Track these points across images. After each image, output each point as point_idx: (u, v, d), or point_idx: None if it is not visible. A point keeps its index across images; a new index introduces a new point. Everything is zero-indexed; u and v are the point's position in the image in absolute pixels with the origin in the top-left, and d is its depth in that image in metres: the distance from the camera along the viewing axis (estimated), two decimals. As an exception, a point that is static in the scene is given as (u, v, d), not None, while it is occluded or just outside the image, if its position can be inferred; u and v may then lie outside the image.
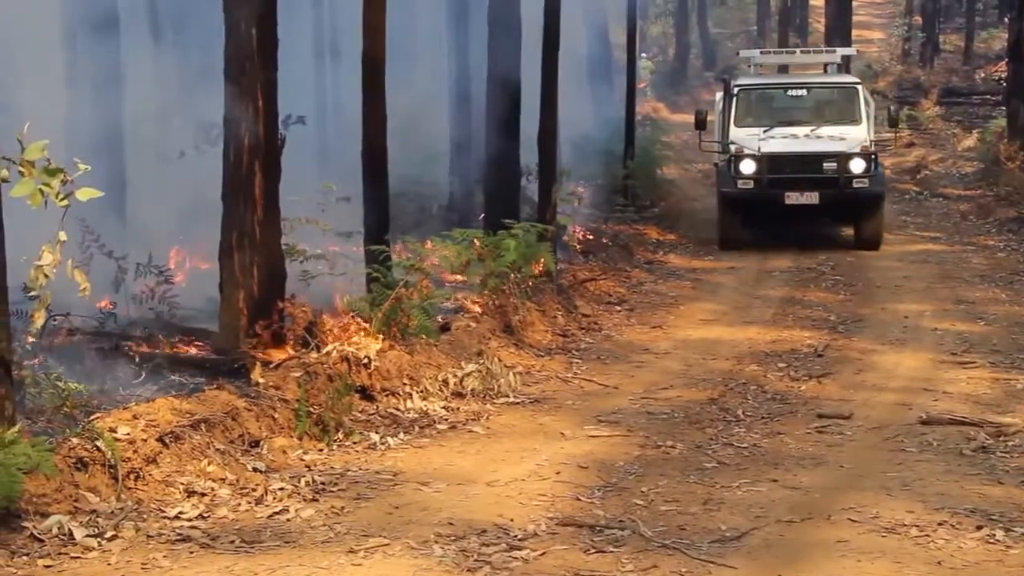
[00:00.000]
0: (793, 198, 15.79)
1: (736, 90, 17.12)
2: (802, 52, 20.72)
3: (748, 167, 15.94)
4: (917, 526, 5.87)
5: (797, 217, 16.33)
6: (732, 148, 16.20)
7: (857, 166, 15.82)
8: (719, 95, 18.00)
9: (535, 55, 13.50)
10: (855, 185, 15.78)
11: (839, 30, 26.98)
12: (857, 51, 23.30)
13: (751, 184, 15.91)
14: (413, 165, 15.74)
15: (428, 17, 18.84)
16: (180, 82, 13.49)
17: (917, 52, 36.12)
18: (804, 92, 17.41)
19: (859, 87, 17.24)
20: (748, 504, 6.28)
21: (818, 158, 15.94)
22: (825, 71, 18.90)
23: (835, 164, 15.80)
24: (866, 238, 16.21)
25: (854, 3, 31.38)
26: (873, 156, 16.04)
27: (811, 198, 15.79)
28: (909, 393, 8.95)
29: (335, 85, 18.47)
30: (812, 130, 16.48)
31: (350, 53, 11.28)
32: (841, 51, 19.87)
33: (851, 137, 16.16)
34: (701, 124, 16.98)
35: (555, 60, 13.37)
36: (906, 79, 32.76)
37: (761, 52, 20.52)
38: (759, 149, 15.91)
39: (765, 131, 16.43)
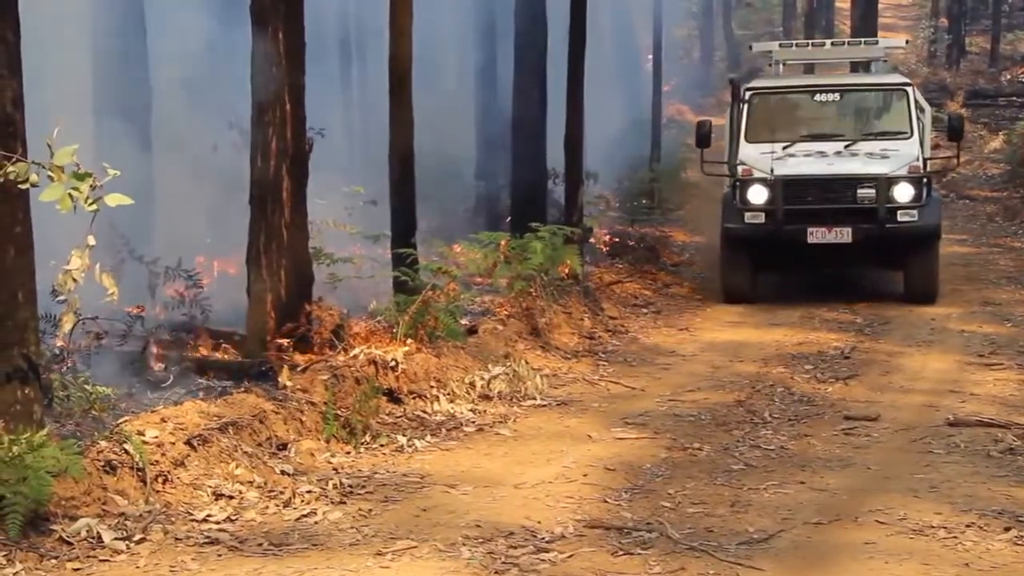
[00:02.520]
0: (817, 236, 12.28)
1: (748, 95, 13.45)
2: (833, 44, 15.56)
3: (758, 195, 12.50)
4: (945, 528, 5.84)
5: (824, 260, 12.81)
6: (739, 170, 12.78)
7: (903, 193, 12.29)
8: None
9: (561, 57, 13.50)
10: (900, 219, 12.26)
11: (865, 32, 26.86)
12: (907, 40, 19.23)
13: (761, 218, 12.49)
14: (440, 168, 15.75)
15: (455, 20, 18.87)
16: (212, 86, 13.56)
17: (943, 54, 35.90)
18: (837, 96, 13.59)
19: (909, 89, 13.38)
20: (776, 506, 6.26)
21: (851, 183, 12.40)
22: (866, 70, 14.89)
23: (873, 191, 12.26)
24: (917, 289, 12.60)
25: (880, 5, 31.22)
26: (925, 180, 12.50)
27: (841, 235, 12.26)
28: (936, 395, 8.90)
29: (362, 88, 18.53)
30: (847, 146, 12.96)
31: (376, 56, 11.31)
32: (886, 43, 15.65)
33: (898, 155, 12.66)
34: (703, 140, 13.47)
35: (581, 62, 13.36)
36: (932, 81, 32.55)
37: (780, 45, 15.70)
38: (772, 171, 12.44)
39: (785, 148, 12.91)
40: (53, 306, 6.93)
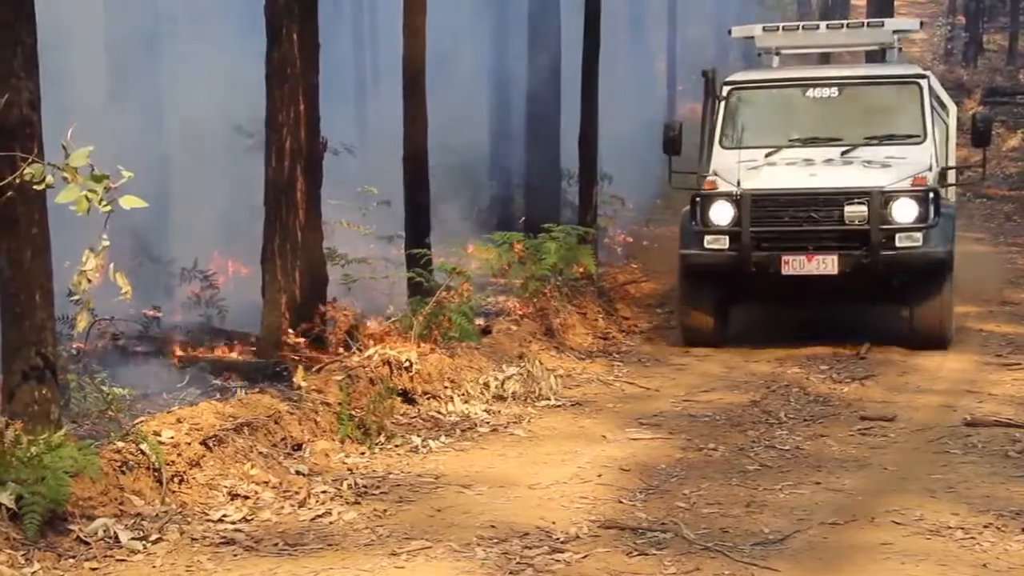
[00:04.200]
0: (794, 266, 10.01)
1: (725, 91, 11.28)
2: (830, 28, 12.63)
3: (721, 215, 10.24)
4: (962, 528, 5.81)
5: (804, 296, 10.53)
6: (702, 183, 10.66)
7: (903, 212, 10.00)
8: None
9: (575, 58, 13.50)
10: (899, 244, 9.97)
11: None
12: (922, 22, 14.50)
13: (725, 243, 10.22)
14: (454, 168, 15.77)
15: (469, 20, 18.91)
16: (223, 86, 13.62)
17: (960, 51, 35.77)
18: (834, 92, 11.23)
19: (923, 82, 11.12)
20: (791, 506, 6.24)
21: (837, 199, 10.05)
22: (881, 59, 12.58)
23: (865, 209, 9.97)
24: (923, 332, 10.29)
25: (896, 2, 31.11)
26: (931, 195, 10.04)
27: (824, 265, 9.98)
28: (953, 395, 8.87)
29: (375, 90, 18.57)
30: (844, 152, 10.73)
31: (389, 57, 11.33)
32: (894, 24, 12.94)
33: (905, 163, 10.47)
34: (671, 145, 11.11)
35: (596, 62, 13.36)
36: (949, 79, 32.37)
37: (764, 28, 12.47)
38: (739, 184, 10.19)
39: (768, 155, 10.81)
40: (70, 307, 6.95)
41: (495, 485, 6.63)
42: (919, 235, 10.01)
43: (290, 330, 9.09)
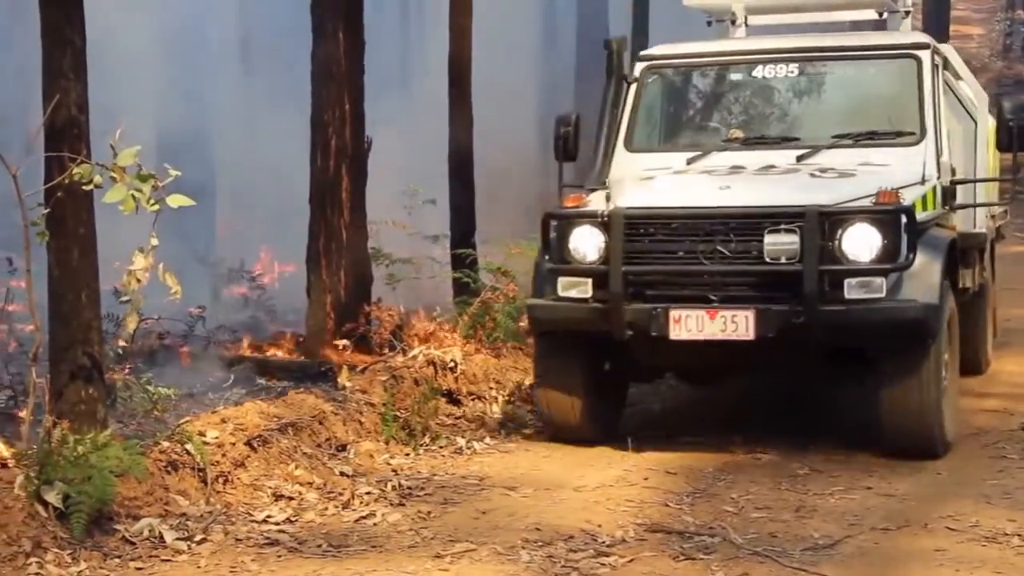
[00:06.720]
0: (687, 325, 6.67)
1: (639, 70, 8.17)
2: None
3: (583, 245, 6.98)
4: (1019, 535, 5.69)
5: (705, 371, 7.73)
6: (567, 199, 7.39)
7: (856, 243, 6.60)
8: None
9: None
10: (850, 295, 6.56)
11: (936, 24, 26.40)
12: None
13: (587, 290, 6.93)
14: (500, 167, 15.75)
15: (520, 24, 18.88)
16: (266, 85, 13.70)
17: (1019, 47, 35.28)
18: (793, 71, 7.96)
19: (924, 55, 7.77)
20: (841, 511, 6.14)
21: (751, 224, 6.71)
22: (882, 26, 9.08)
23: (795, 240, 6.60)
24: (896, 428, 6.89)
25: (951, -1, 30.75)
26: (904, 218, 6.58)
27: (734, 326, 6.61)
28: (1010, 399, 8.72)
29: (420, 87, 18.60)
30: (802, 157, 7.46)
31: (438, 56, 11.31)
32: None
33: (884, 173, 7.14)
34: (564, 147, 7.91)
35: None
36: (1007, 76, 31.99)
37: None
38: (610, 202, 7.01)
39: (692, 161, 7.69)
40: (115, 306, 6.98)
41: (540, 487, 6.58)
42: (881, 281, 6.58)
43: (335, 330, 9.09)
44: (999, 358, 10.17)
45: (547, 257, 7.19)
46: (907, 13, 8.87)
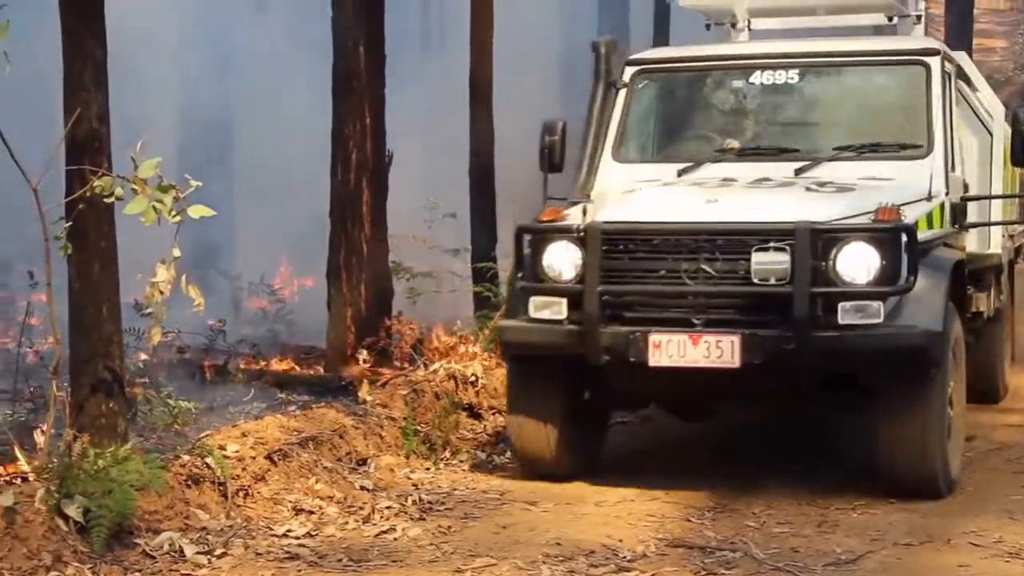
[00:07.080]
0: (668, 351, 6.21)
1: (628, 74, 7.73)
2: None
3: (558, 262, 6.57)
4: (1044, 552, 5.65)
5: (688, 401, 7.35)
6: (545, 212, 7.03)
7: (852, 263, 6.17)
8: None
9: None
10: (844, 320, 6.11)
11: (959, 37, 26.27)
12: None
13: (561, 310, 6.49)
14: (519, 181, 15.76)
15: (541, 38, 18.87)
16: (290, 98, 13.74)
17: (1045, 62, 35.11)
18: (794, 78, 7.46)
19: (934, 62, 7.29)
20: (864, 526, 6.10)
21: (738, 241, 6.29)
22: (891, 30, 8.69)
23: (785, 259, 6.17)
24: (895, 466, 6.45)
25: (975, 11, 30.59)
26: (904, 236, 6.16)
27: (719, 352, 6.15)
28: (1034, 414, 8.67)
29: (442, 101, 18.64)
30: (800, 170, 7.02)
31: (460, 69, 11.33)
32: None
33: (887, 188, 6.71)
34: (548, 158, 7.55)
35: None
36: (1032, 90, 31.88)
37: None
38: (587, 215, 6.58)
39: (683, 173, 7.25)
40: (135, 319, 7.00)
41: (561, 502, 6.56)
42: (878, 305, 6.13)
43: (355, 344, 9.09)
44: (1021, 373, 10.09)
45: (520, 275, 6.78)
46: (919, 18, 8.39)
